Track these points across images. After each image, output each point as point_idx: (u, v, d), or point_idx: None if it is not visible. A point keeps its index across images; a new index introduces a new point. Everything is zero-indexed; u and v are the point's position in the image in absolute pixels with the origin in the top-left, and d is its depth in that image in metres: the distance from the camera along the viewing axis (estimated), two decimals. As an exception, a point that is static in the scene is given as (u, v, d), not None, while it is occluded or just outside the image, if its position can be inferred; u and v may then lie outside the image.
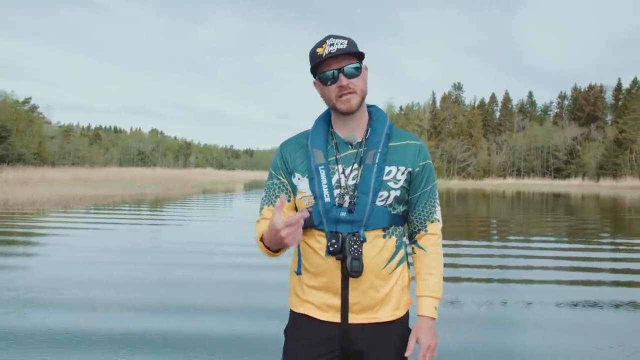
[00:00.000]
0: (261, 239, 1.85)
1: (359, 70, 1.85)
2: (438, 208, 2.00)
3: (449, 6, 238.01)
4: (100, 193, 25.31)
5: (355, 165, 1.87)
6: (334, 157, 1.90)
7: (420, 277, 1.94)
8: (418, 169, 1.91)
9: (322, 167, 1.87)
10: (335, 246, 1.79)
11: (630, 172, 79.49)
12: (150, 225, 14.58)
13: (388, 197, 1.86)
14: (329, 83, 1.85)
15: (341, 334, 1.85)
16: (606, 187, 66.25)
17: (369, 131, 1.92)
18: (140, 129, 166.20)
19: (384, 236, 1.86)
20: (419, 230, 1.97)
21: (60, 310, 5.53)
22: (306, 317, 1.90)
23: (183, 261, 8.65)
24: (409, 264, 2.01)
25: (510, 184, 78.61)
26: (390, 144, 1.91)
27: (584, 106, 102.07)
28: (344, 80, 1.82)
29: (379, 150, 1.87)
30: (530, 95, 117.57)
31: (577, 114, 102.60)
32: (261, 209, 2.00)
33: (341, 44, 1.81)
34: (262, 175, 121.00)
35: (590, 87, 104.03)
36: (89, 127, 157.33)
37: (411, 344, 1.87)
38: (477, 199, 35.91)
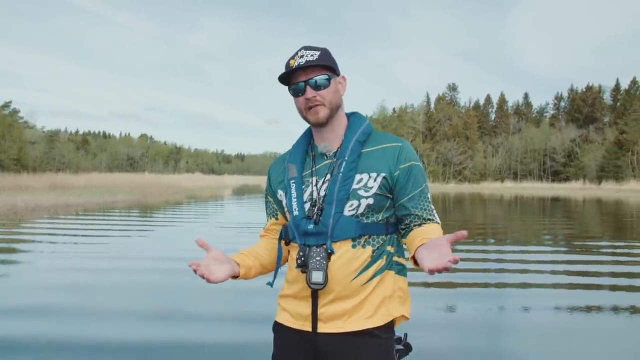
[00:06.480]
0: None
1: (328, 81, 1.81)
2: (434, 211, 1.84)
3: (439, 11, 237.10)
4: (61, 202, 22.34)
5: (328, 177, 1.82)
6: (310, 170, 1.88)
7: (419, 240, 1.68)
8: (398, 172, 1.80)
9: (293, 181, 1.86)
10: (303, 259, 1.76)
11: (633, 174, 77.22)
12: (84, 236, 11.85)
13: (359, 206, 1.78)
14: (298, 95, 1.82)
15: (311, 342, 1.81)
16: (609, 190, 64.32)
17: (343, 140, 1.86)
18: (129, 134, 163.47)
19: (354, 246, 1.77)
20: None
21: None
22: (283, 325, 1.88)
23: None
24: (400, 273, 1.87)
25: (509, 188, 76.34)
26: (363, 150, 1.84)
27: (581, 107, 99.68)
28: (309, 93, 1.80)
29: (345, 158, 1.81)
30: (526, 96, 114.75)
31: (574, 115, 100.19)
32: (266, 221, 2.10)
33: (311, 55, 1.79)
34: (253, 179, 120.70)
35: (588, 88, 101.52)
36: (76, 132, 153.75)
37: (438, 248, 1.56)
38: (474, 204, 34.37)
